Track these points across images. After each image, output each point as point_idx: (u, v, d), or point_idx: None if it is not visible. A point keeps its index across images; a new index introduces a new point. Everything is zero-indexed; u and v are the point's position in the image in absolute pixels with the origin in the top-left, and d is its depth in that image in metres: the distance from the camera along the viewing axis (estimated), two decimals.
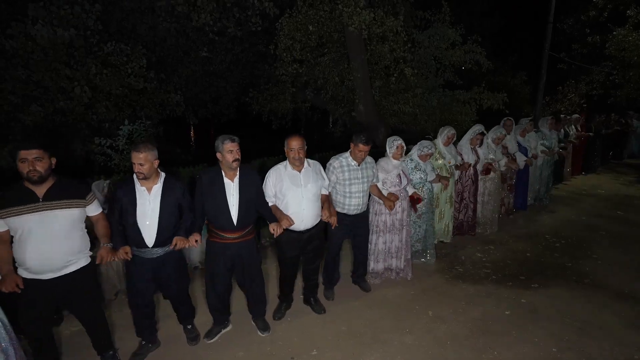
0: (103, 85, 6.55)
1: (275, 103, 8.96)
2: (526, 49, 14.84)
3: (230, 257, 2.95)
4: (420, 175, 4.25)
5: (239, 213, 2.85)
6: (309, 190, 3.11)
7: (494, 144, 5.34)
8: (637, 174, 9.36)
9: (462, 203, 5.13)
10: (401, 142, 3.78)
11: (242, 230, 2.90)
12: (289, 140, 3.05)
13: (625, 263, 4.47)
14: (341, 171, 3.42)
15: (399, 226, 3.91)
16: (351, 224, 3.57)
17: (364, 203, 3.54)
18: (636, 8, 11.36)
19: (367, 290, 3.85)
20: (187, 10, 6.98)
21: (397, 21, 7.02)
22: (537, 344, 3.04)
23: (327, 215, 3.20)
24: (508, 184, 5.85)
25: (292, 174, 3.10)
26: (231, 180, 2.86)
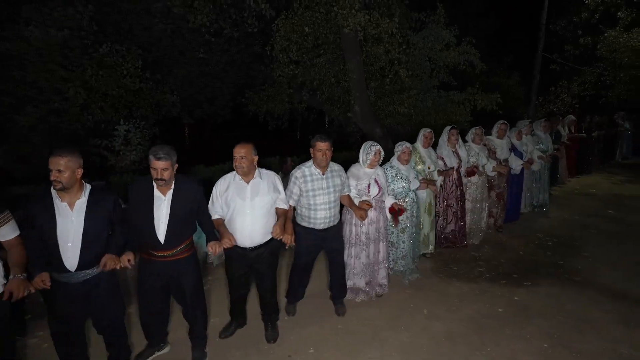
0: (99, 86, 6.57)
1: (271, 104, 9.01)
2: (520, 50, 14.98)
3: (161, 276, 2.64)
4: (402, 184, 3.88)
5: (168, 230, 2.54)
6: (256, 204, 2.81)
7: (475, 144, 5.01)
8: (629, 174, 9.50)
9: (449, 210, 4.78)
10: (379, 147, 3.49)
11: (172, 249, 2.59)
12: (235, 147, 2.78)
13: (615, 261, 4.55)
14: (304, 182, 3.10)
15: (368, 240, 3.57)
16: (320, 239, 3.26)
17: (332, 216, 3.21)
18: (627, 10, 11.54)
19: (340, 314, 3.47)
20: (183, 12, 7.00)
21: (392, 23, 7.10)
22: (529, 340, 3.10)
23: (278, 232, 2.81)
24: (496, 192, 5.39)
25: (239, 185, 2.83)
26: (163, 194, 2.56)
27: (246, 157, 2.74)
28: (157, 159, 2.44)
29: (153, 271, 2.63)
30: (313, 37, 7.59)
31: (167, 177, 2.48)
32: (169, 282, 2.67)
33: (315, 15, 7.14)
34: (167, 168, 2.47)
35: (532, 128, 6.08)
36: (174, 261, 2.62)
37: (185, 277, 2.68)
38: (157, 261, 2.60)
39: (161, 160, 2.44)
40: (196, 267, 2.78)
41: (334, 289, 3.56)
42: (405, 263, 4.05)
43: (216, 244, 2.68)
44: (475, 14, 14.27)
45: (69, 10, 6.07)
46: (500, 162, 5.27)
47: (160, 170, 2.45)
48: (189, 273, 2.70)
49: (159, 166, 2.45)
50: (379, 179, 3.56)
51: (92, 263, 2.38)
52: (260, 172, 2.90)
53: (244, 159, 2.74)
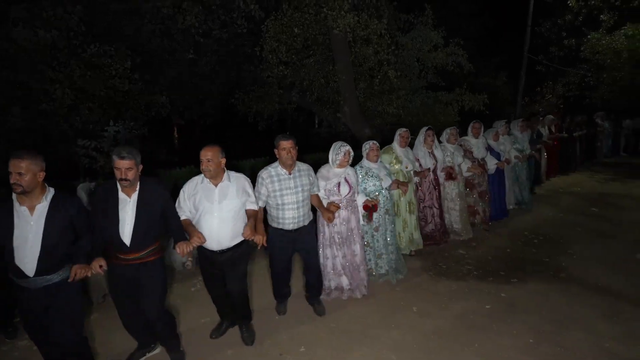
0: (87, 87, 6.51)
1: (261, 104, 9.02)
2: (507, 51, 15.22)
3: (129, 280, 2.60)
4: (374, 182, 3.88)
5: (134, 232, 2.50)
6: (224, 208, 2.77)
7: (449, 144, 5.03)
8: (610, 172, 9.74)
9: (426, 211, 4.83)
10: (348, 148, 3.51)
11: (138, 252, 2.54)
12: (201, 150, 2.75)
13: (599, 258, 4.68)
14: (270, 182, 3.11)
15: (341, 239, 3.57)
16: (291, 239, 3.25)
17: (301, 215, 3.20)
18: (609, 13, 11.82)
19: (320, 314, 3.46)
20: (172, 13, 6.98)
21: (380, 24, 7.18)
22: (516, 336, 3.18)
23: (249, 233, 2.78)
24: (478, 191, 5.42)
25: (207, 188, 2.79)
26: (128, 195, 2.52)
27: (213, 160, 2.71)
28: (120, 158, 2.41)
29: (121, 275, 2.59)
30: (302, 38, 7.63)
31: (131, 177, 2.43)
32: (135, 285, 2.62)
33: (304, 16, 7.18)
34: (131, 167, 2.43)
35: (508, 128, 6.14)
36: (141, 264, 2.58)
37: (151, 280, 2.63)
38: (124, 265, 2.56)
39: (125, 160, 2.41)
40: (162, 272, 2.73)
41: (310, 290, 3.58)
42: (385, 263, 4.04)
43: (184, 243, 2.61)
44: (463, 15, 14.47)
45: (58, 10, 6.01)
46: (478, 161, 5.29)
47: (124, 170, 2.42)
48: (154, 277, 2.65)
49: (122, 165, 2.42)
50: (349, 178, 3.57)
51: (53, 269, 2.34)
52: (229, 175, 2.86)
53: (211, 162, 2.71)
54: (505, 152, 5.82)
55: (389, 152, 4.42)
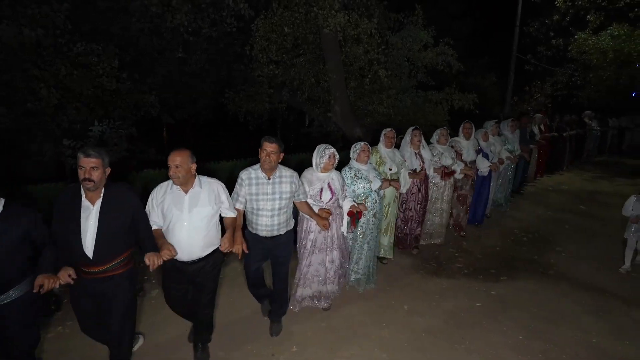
0: (73, 86, 6.39)
1: (252, 103, 8.95)
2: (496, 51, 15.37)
3: (92, 296, 2.41)
4: (363, 184, 3.67)
5: (97, 243, 2.29)
6: (195, 216, 2.58)
7: (439, 145, 4.85)
8: (598, 171, 9.90)
9: (406, 213, 4.62)
10: (333, 150, 3.31)
11: (103, 264, 2.34)
12: (169, 155, 2.53)
13: (586, 255, 4.75)
14: (249, 184, 2.93)
15: (328, 245, 3.44)
16: (265, 247, 3.06)
17: (276, 224, 2.98)
18: (595, 13, 11.99)
19: (273, 334, 3.21)
20: (161, 11, 6.89)
21: (371, 23, 7.18)
22: (506, 333, 3.21)
23: (227, 245, 2.63)
24: (457, 193, 5.24)
25: (176, 195, 2.59)
26: (91, 202, 2.31)
27: (182, 166, 2.49)
28: (85, 155, 2.22)
29: (83, 290, 2.40)
30: (292, 37, 7.60)
31: (96, 179, 2.23)
32: (100, 301, 2.42)
33: (294, 15, 7.15)
34: (97, 167, 2.24)
35: (498, 128, 5.96)
36: (106, 278, 2.36)
37: (117, 296, 2.43)
38: (87, 279, 2.34)
39: (90, 157, 2.22)
40: (131, 287, 2.53)
41: (274, 304, 3.32)
42: (361, 268, 3.87)
43: (154, 255, 2.41)
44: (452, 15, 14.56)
45: (43, 8, 5.88)
46: (467, 164, 5.08)
47: (89, 168, 2.21)
48: (121, 292, 2.44)
49: (87, 164, 2.21)
50: (332, 184, 3.37)
51: (5, 287, 2.18)
52: (200, 181, 2.66)
53: (180, 168, 2.49)
54: (495, 153, 5.62)
55: (374, 153, 4.26)
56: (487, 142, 5.54)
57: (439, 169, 4.71)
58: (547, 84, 14.84)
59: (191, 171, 2.57)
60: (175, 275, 2.71)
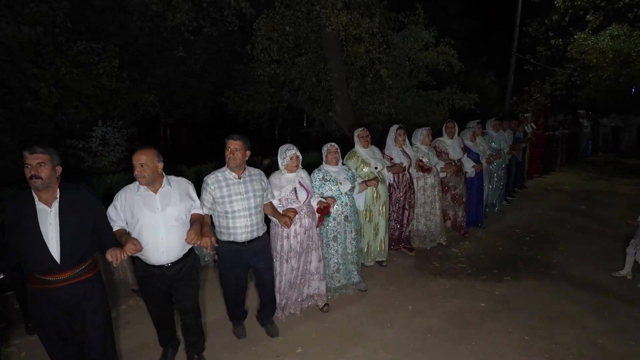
0: (73, 85, 6.37)
1: (252, 103, 8.94)
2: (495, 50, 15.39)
3: (60, 305, 2.23)
4: (331, 186, 3.58)
5: (63, 246, 2.17)
6: (169, 214, 2.49)
7: (423, 145, 4.79)
8: (595, 170, 9.93)
9: (400, 212, 4.60)
10: (295, 151, 3.23)
11: (72, 269, 2.22)
12: (134, 154, 2.44)
13: (588, 254, 4.75)
14: (218, 187, 2.80)
15: (299, 249, 3.31)
16: (244, 253, 2.92)
17: (254, 224, 2.89)
18: (595, 13, 12.02)
19: (273, 335, 3.19)
20: (161, 10, 6.87)
21: (372, 23, 7.18)
22: (511, 333, 3.20)
23: (193, 237, 2.44)
24: (452, 194, 5.20)
25: (145, 195, 2.48)
26: (48, 205, 2.18)
27: (147, 165, 2.40)
28: (31, 152, 2.11)
29: (50, 301, 2.21)
30: (294, 37, 7.59)
31: (44, 175, 2.11)
32: (71, 309, 2.26)
33: (296, 14, 7.14)
34: (44, 163, 2.12)
35: (481, 128, 5.87)
36: (75, 284, 2.24)
37: (90, 303, 2.30)
38: (53, 288, 2.19)
39: (36, 153, 2.11)
40: (102, 291, 2.41)
41: (263, 310, 3.28)
42: (342, 275, 3.80)
43: (116, 249, 2.26)
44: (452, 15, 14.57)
45: (42, 6, 5.85)
46: (455, 162, 5.04)
47: (35, 165, 2.09)
48: (93, 298, 2.32)
49: (33, 160, 2.10)
50: (303, 182, 3.30)
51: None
52: (168, 180, 2.58)
53: (145, 167, 2.40)
54: (483, 153, 5.59)
55: (353, 157, 4.15)
56: (475, 142, 5.52)
57: (417, 163, 4.65)
58: (547, 83, 14.87)
59: (158, 170, 2.48)
60: (154, 283, 2.58)
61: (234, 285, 3.05)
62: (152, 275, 2.55)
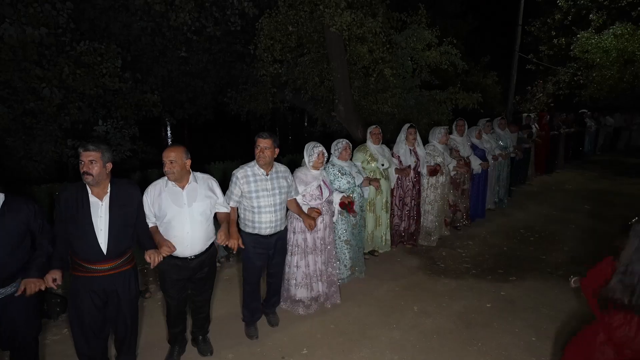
0: (76, 86, 6.35)
1: (254, 103, 8.92)
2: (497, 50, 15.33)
3: (100, 294, 2.40)
4: (348, 179, 3.81)
5: (110, 239, 2.33)
6: (195, 210, 2.62)
7: (440, 144, 4.98)
8: (599, 170, 9.89)
9: (404, 210, 4.74)
10: (322, 149, 3.35)
11: (115, 260, 2.38)
12: (164, 151, 2.57)
13: (593, 255, 4.69)
14: (246, 182, 2.92)
15: (321, 245, 3.45)
16: (267, 246, 3.05)
17: (278, 219, 3.01)
18: (598, 13, 11.97)
19: (273, 324, 3.30)
20: (164, 9, 6.84)
21: (376, 22, 7.15)
22: (518, 334, 3.18)
23: (223, 238, 2.66)
24: (462, 189, 5.40)
25: (173, 191, 2.61)
26: (99, 198, 2.34)
27: (177, 161, 2.53)
28: (85, 149, 2.25)
29: (91, 289, 2.37)
30: (297, 36, 7.56)
31: (95, 172, 2.24)
32: (107, 299, 2.44)
33: (299, 14, 7.10)
34: (95, 160, 2.25)
35: (491, 126, 6.11)
36: (116, 274, 2.41)
37: (125, 292, 2.47)
38: (96, 277, 2.35)
39: (89, 151, 2.25)
40: (136, 283, 2.58)
41: (272, 299, 3.37)
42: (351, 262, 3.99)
43: (154, 252, 2.45)
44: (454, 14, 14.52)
45: (45, 7, 5.83)
46: (464, 159, 5.29)
47: (87, 162, 2.24)
48: (128, 288, 2.49)
49: (85, 157, 2.24)
50: (326, 180, 3.50)
51: (5, 281, 2.19)
52: (195, 177, 2.69)
53: (174, 164, 2.52)
54: (489, 150, 5.78)
55: (363, 151, 4.35)
56: (481, 139, 5.73)
57: (431, 167, 4.79)
58: (549, 83, 14.81)
59: (186, 167, 2.60)
60: (175, 274, 2.70)
61: (254, 277, 3.15)
62: (175, 267, 2.67)
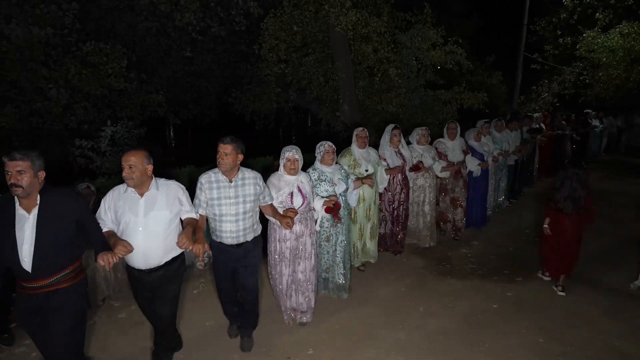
0: (82, 86, 6.40)
1: (258, 103, 8.94)
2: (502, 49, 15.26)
3: (35, 313, 2.20)
4: (326, 187, 3.44)
5: (36, 256, 2.10)
6: (151, 221, 2.42)
7: (419, 145, 4.74)
8: (605, 170, 9.80)
9: (393, 214, 4.49)
10: (293, 153, 3.11)
11: (45, 278, 2.15)
12: (123, 155, 2.39)
13: (601, 256, 4.69)
14: (209, 188, 2.74)
15: (300, 254, 3.24)
16: (231, 256, 2.84)
17: (241, 230, 2.79)
18: (604, 12, 11.87)
19: (243, 349, 3.03)
20: (169, 10, 6.87)
21: (380, 22, 7.14)
22: (524, 335, 3.16)
23: (184, 242, 2.41)
24: (450, 197, 5.07)
25: (131, 198, 2.43)
26: (27, 211, 2.13)
27: (136, 166, 2.35)
28: (10, 158, 2.05)
29: (26, 307, 2.21)
30: (301, 36, 7.57)
31: (24, 184, 2.04)
32: (45, 317, 2.20)
33: (304, 13, 7.11)
34: (24, 171, 2.05)
35: (489, 128, 5.78)
36: (49, 293, 2.17)
37: (62, 312, 2.21)
38: (30, 294, 2.16)
39: (16, 160, 2.05)
40: (78, 300, 2.31)
41: (243, 317, 3.13)
42: (330, 278, 3.71)
43: (107, 253, 2.22)
44: (458, 13, 14.47)
45: (52, 7, 5.88)
46: (454, 164, 4.92)
47: (14, 173, 2.04)
48: (66, 308, 2.22)
49: (12, 167, 2.04)
50: (302, 187, 3.18)
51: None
52: (157, 183, 2.50)
53: (134, 169, 2.34)
54: (489, 153, 5.50)
55: (347, 155, 4.07)
56: (480, 142, 5.41)
57: (415, 164, 4.55)
58: (555, 82, 14.71)
59: (147, 173, 2.42)
60: (136, 284, 2.58)
61: (224, 283, 2.99)
62: (134, 277, 2.55)
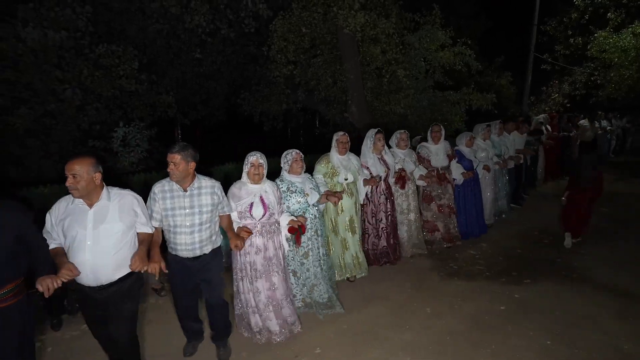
0: (94, 87, 6.53)
1: (267, 104, 9.02)
2: (511, 50, 15.16)
3: None
4: (298, 198, 3.24)
5: None
6: (102, 233, 2.22)
7: (400, 149, 4.47)
8: (615, 171, 9.68)
9: (379, 227, 4.26)
10: (257, 157, 2.91)
11: None
12: (66, 164, 2.18)
13: (609, 257, 4.65)
14: (162, 197, 2.59)
15: (255, 272, 3.00)
16: (190, 271, 2.70)
17: (197, 242, 2.63)
18: (616, 11, 11.74)
19: (223, 359, 2.95)
20: (179, 12, 6.98)
21: (389, 23, 7.17)
22: (532, 337, 3.16)
23: (137, 264, 2.25)
24: (437, 204, 4.79)
25: (79, 210, 2.23)
26: None
27: (81, 176, 2.13)
28: None
29: None
30: (310, 38, 7.64)
31: None
32: None
33: (313, 15, 7.18)
34: None
35: (489, 132, 5.51)
36: None
37: (5, 332, 2.05)
38: None
39: None
40: (24, 317, 2.14)
41: (213, 328, 3.01)
42: (317, 295, 3.51)
43: (47, 278, 2.02)
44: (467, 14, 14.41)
45: (66, 11, 6.01)
46: (438, 171, 4.70)
47: None
48: (11, 327, 2.07)
49: None
50: (266, 197, 2.96)
51: None
52: (109, 193, 2.29)
53: (78, 178, 2.13)
54: (483, 159, 5.26)
55: (324, 163, 3.81)
56: (471, 148, 5.10)
57: (397, 173, 4.34)
58: (565, 83, 14.57)
59: (94, 182, 2.20)
60: (87, 302, 2.36)
61: (182, 299, 2.88)
62: (84, 295, 2.32)
